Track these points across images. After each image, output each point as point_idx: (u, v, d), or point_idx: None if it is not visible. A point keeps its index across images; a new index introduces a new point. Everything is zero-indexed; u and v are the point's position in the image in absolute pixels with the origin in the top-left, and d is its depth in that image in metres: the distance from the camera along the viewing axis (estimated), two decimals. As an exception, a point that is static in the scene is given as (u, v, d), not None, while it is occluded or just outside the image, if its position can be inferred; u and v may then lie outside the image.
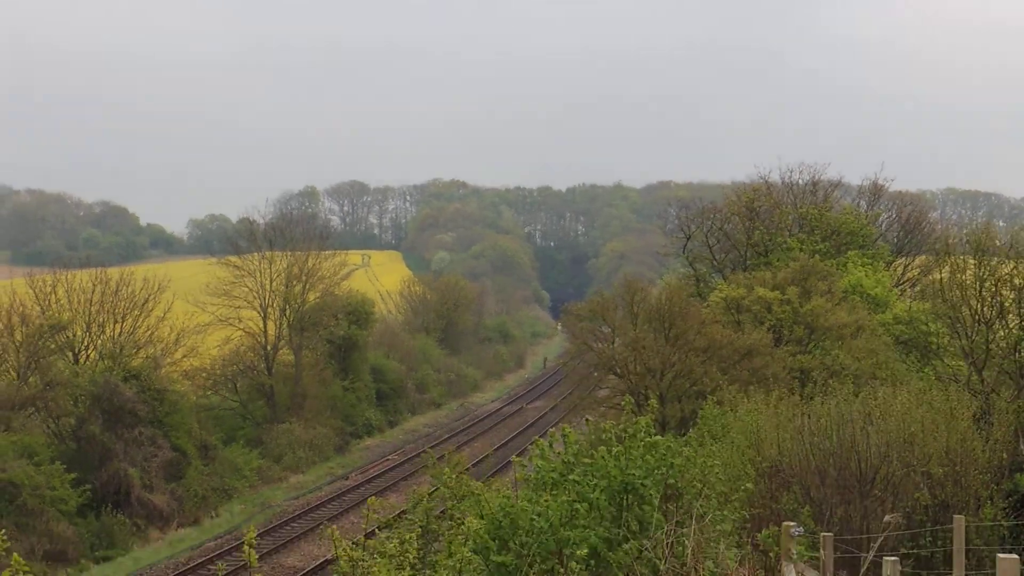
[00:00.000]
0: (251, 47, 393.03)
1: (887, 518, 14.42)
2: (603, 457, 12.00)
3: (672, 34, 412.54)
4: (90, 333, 49.27)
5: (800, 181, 53.08)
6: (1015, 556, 10.17)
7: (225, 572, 33.14)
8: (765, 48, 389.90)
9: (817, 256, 43.25)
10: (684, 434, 23.13)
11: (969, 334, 26.94)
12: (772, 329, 35.61)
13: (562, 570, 11.15)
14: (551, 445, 12.81)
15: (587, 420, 13.76)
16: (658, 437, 12.36)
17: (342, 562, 10.52)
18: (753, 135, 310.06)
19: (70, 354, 48.05)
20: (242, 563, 28.74)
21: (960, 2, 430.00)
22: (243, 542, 9.97)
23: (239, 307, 59.50)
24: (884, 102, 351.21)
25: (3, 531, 9.84)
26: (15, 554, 8.21)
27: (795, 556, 13.50)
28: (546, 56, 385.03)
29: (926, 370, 30.75)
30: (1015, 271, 26.58)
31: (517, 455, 15.40)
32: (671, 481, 12.02)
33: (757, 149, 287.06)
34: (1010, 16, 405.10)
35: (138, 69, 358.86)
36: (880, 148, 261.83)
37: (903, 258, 52.45)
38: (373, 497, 13.43)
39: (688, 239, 51.45)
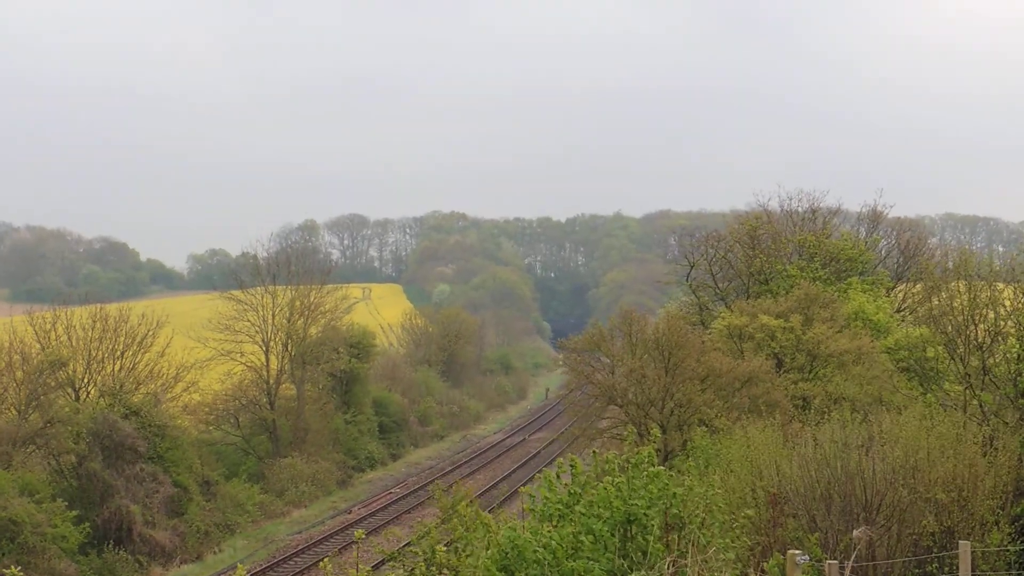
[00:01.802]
0: (247, 82, 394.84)
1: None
2: (605, 488, 11.95)
3: (670, 65, 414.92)
4: (90, 370, 49.19)
5: (799, 209, 53.13)
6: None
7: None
8: (762, 76, 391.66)
9: (818, 283, 43.15)
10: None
11: (964, 359, 26.86)
12: (774, 356, 35.51)
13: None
14: (558, 476, 12.76)
15: (594, 452, 13.64)
16: (661, 468, 12.32)
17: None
18: (752, 164, 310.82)
19: (71, 391, 47.95)
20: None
21: (960, 29, 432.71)
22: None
23: (241, 341, 59.50)
24: (882, 129, 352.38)
25: (19, 568, 9.76)
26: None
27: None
28: (544, 87, 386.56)
29: (928, 396, 30.64)
30: (1008, 294, 26.53)
31: (522, 486, 15.22)
32: (674, 511, 11.95)
33: (756, 177, 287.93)
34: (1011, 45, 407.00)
35: (133, 105, 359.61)
36: (878, 175, 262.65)
37: (904, 284, 52.33)
38: (360, 531, 13.40)
39: (692, 267, 51.38)
